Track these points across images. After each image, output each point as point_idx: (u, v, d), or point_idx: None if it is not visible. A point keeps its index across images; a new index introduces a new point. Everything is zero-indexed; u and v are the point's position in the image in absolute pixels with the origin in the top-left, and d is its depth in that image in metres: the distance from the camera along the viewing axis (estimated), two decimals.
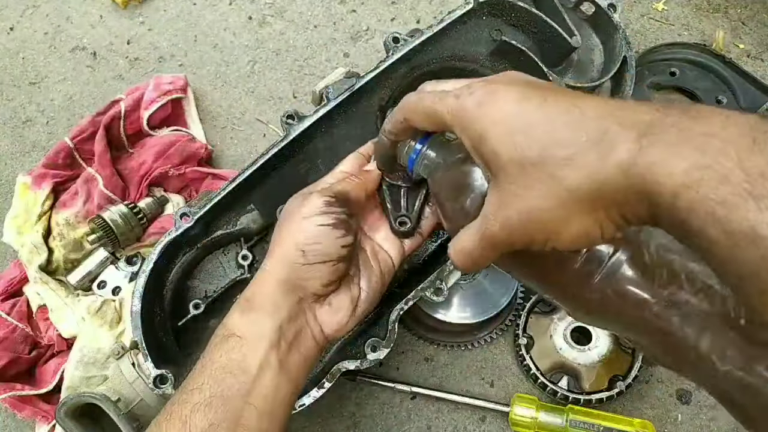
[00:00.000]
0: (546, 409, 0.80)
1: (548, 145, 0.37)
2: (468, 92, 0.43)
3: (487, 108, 0.41)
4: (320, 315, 0.59)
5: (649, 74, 1.03)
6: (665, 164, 0.32)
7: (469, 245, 0.43)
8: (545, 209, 0.38)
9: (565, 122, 0.37)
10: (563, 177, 0.36)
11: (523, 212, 0.39)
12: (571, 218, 0.38)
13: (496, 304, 0.85)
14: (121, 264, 0.90)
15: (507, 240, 0.41)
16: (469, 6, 0.80)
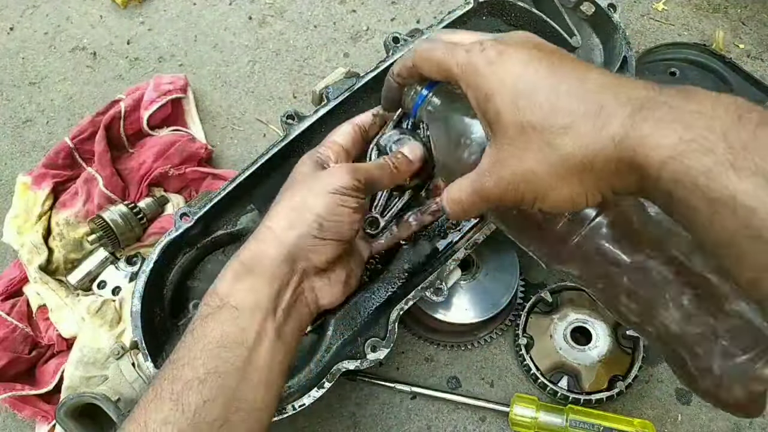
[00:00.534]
0: (546, 409, 0.80)
1: (549, 112, 0.39)
2: (479, 49, 0.43)
3: (496, 67, 0.42)
4: (318, 287, 0.60)
5: (649, 74, 1.03)
6: (654, 137, 0.34)
7: (461, 194, 0.46)
8: (538, 172, 0.40)
9: (567, 92, 0.39)
10: (559, 144, 0.38)
11: (517, 173, 0.41)
12: (561, 184, 0.39)
13: (496, 304, 0.85)
14: (121, 264, 0.90)
15: (498, 196, 0.43)
16: (469, 6, 0.80)
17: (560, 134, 0.38)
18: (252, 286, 0.55)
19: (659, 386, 0.85)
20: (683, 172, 0.33)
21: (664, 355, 0.50)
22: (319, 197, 0.57)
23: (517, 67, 0.41)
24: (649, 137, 0.34)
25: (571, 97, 0.39)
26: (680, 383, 0.48)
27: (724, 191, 0.31)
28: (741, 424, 0.83)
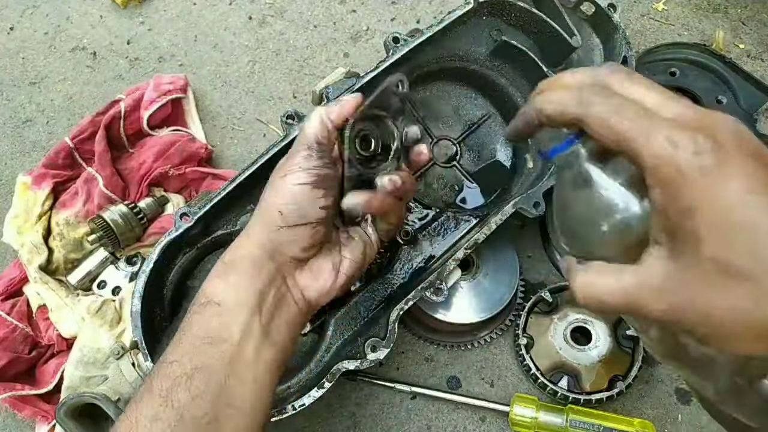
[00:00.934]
0: (546, 409, 0.80)
1: (766, 264, 0.32)
2: (693, 148, 0.34)
3: (710, 182, 0.33)
4: (300, 279, 0.59)
5: (649, 74, 1.03)
6: None
7: (606, 295, 0.39)
8: (728, 322, 0.34)
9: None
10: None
11: (702, 313, 0.35)
12: (754, 340, 0.34)
13: (496, 304, 0.85)
14: (121, 264, 0.90)
15: (660, 319, 0.37)
16: (469, 6, 0.80)
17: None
18: (235, 283, 0.56)
19: (659, 386, 0.85)
20: None
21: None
22: (275, 188, 0.57)
23: (737, 191, 0.33)
24: None
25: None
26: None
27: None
28: None
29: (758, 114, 0.99)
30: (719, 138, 0.34)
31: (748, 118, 0.98)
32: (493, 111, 0.89)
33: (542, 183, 0.78)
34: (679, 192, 0.34)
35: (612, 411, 0.82)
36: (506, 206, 0.77)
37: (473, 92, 0.89)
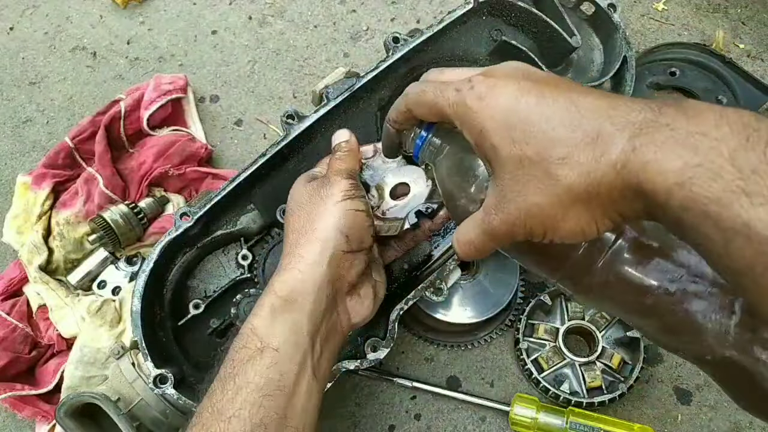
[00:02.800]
0: (546, 409, 0.80)
1: (545, 143, 0.38)
2: (468, 86, 0.43)
3: (486, 102, 0.41)
4: (351, 305, 0.60)
5: (649, 74, 1.03)
6: (658, 163, 0.33)
7: (471, 235, 0.44)
8: (542, 206, 0.39)
9: (561, 120, 0.38)
10: (559, 175, 0.37)
11: (522, 208, 0.40)
12: (568, 214, 0.38)
13: (496, 304, 0.85)
14: (121, 264, 0.90)
15: (507, 233, 0.42)
16: (469, 6, 0.80)
17: (559, 165, 0.37)
18: (292, 324, 0.54)
19: (659, 386, 0.85)
20: (692, 199, 0.31)
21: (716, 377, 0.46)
22: (334, 212, 0.57)
23: (508, 100, 0.40)
24: (652, 163, 0.33)
25: (566, 125, 0.37)
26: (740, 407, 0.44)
27: (737, 219, 0.29)
28: (741, 424, 0.83)
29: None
30: (491, 72, 0.43)
31: None
32: None
33: None
34: (472, 122, 0.42)
35: (613, 412, 0.82)
36: None
37: None
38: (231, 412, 0.50)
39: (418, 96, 0.47)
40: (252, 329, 0.54)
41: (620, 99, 0.38)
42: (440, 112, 0.45)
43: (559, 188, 0.37)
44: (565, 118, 0.38)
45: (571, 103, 0.38)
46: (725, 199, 0.30)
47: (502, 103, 0.40)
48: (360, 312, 0.61)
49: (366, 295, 0.61)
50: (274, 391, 0.51)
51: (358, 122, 0.78)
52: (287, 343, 0.53)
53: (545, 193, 0.38)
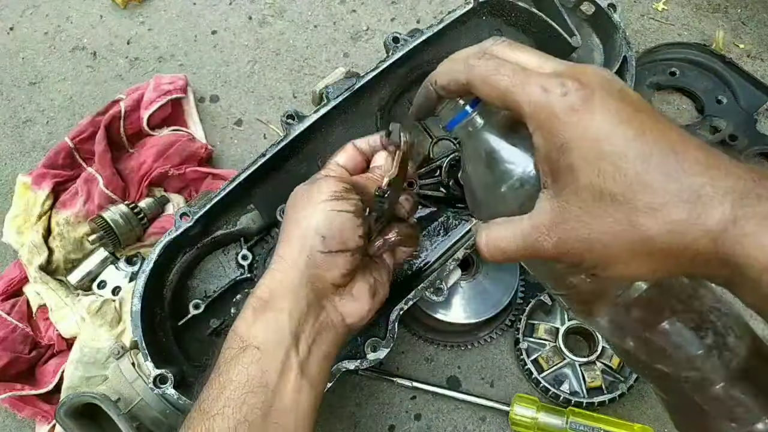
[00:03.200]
0: (546, 409, 0.80)
1: (635, 185, 0.35)
2: (560, 90, 0.38)
3: (579, 118, 0.37)
4: (341, 305, 0.58)
5: (649, 74, 1.03)
6: (758, 238, 0.32)
7: (508, 244, 0.42)
8: (610, 246, 0.36)
9: (659, 164, 0.35)
10: (643, 224, 0.35)
11: (586, 241, 0.37)
12: (633, 261, 0.36)
13: (496, 304, 0.85)
14: (121, 264, 0.90)
15: (554, 257, 0.39)
16: (469, 6, 0.80)
17: (647, 214, 0.35)
18: (273, 321, 0.54)
19: None
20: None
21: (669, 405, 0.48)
22: (315, 212, 0.56)
23: (605, 123, 0.36)
24: (752, 236, 0.32)
25: (664, 174, 0.35)
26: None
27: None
28: None
29: (758, 114, 0.99)
30: (584, 81, 0.38)
31: (748, 118, 0.98)
32: None
33: None
34: (553, 131, 0.38)
35: (613, 412, 0.82)
36: None
37: None
38: (215, 410, 0.50)
39: (488, 76, 0.41)
40: (235, 330, 0.55)
41: (720, 157, 0.35)
42: (515, 105, 0.40)
43: (637, 236, 0.35)
44: (663, 164, 0.35)
45: (671, 149, 0.36)
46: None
47: (597, 126, 0.37)
48: (354, 313, 0.59)
49: (360, 295, 0.60)
50: (257, 388, 0.51)
51: (358, 122, 0.78)
52: (268, 341, 0.53)
53: (618, 236, 0.36)
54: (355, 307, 0.59)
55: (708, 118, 0.99)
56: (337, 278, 0.57)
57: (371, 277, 0.62)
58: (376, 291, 0.62)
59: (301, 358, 0.54)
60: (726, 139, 0.96)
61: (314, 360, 0.55)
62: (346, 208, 0.56)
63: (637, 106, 0.38)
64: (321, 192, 0.57)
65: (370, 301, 0.60)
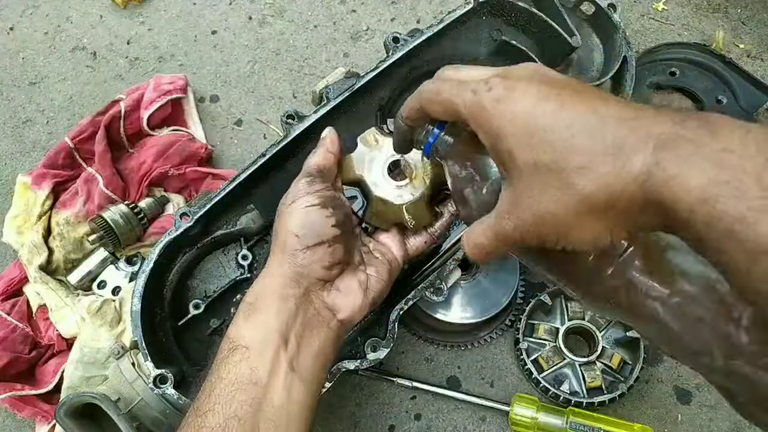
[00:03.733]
0: (546, 410, 0.80)
1: (564, 151, 0.37)
2: (485, 88, 0.42)
3: (504, 106, 0.40)
4: (330, 300, 0.59)
5: (649, 74, 1.03)
6: (682, 179, 0.32)
7: (482, 239, 0.44)
8: (557, 214, 0.38)
9: (582, 128, 0.37)
10: (577, 184, 0.37)
11: (537, 215, 0.39)
12: (583, 224, 0.38)
13: (496, 304, 0.85)
14: (121, 264, 0.90)
15: (519, 238, 0.41)
16: (469, 6, 0.80)
17: (578, 174, 0.36)
18: (261, 323, 0.55)
19: (659, 386, 0.85)
20: (716, 217, 0.30)
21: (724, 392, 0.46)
22: (286, 215, 0.59)
23: (527, 105, 0.39)
24: (676, 177, 0.32)
25: (587, 134, 0.37)
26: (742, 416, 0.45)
27: (763, 239, 0.29)
28: (741, 424, 0.83)
29: (758, 114, 0.99)
30: (509, 74, 0.42)
31: (748, 118, 0.98)
32: None
33: None
34: (487, 125, 0.41)
35: (613, 412, 0.82)
36: None
37: None
38: (206, 407, 0.51)
39: (432, 94, 0.47)
40: (226, 335, 0.56)
41: (642, 110, 0.37)
42: (455, 112, 0.44)
43: (575, 197, 0.37)
44: (585, 127, 0.37)
45: (592, 111, 0.38)
46: (750, 219, 0.29)
47: (521, 108, 0.40)
48: (345, 307, 0.60)
49: (349, 289, 0.60)
50: (246, 385, 0.52)
51: (358, 122, 0.78)
52: (256, 339, 0.54)
53: (561, 202, 0.38)
54: (345, 301, 0.60)
55: None
56: (320, 272, 0.58)
57: (363, 273, 0.62)
58: (369, 286, 0.62)
59: (290, 354, 0.54)
60: None
61: (305, 356, 0.56)
62: (311, 202, 0.59)
63: (560, 85, 0.41)
64: (290, 194, 0.60)
65: (362, 296, 0.61)
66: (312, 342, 0.57)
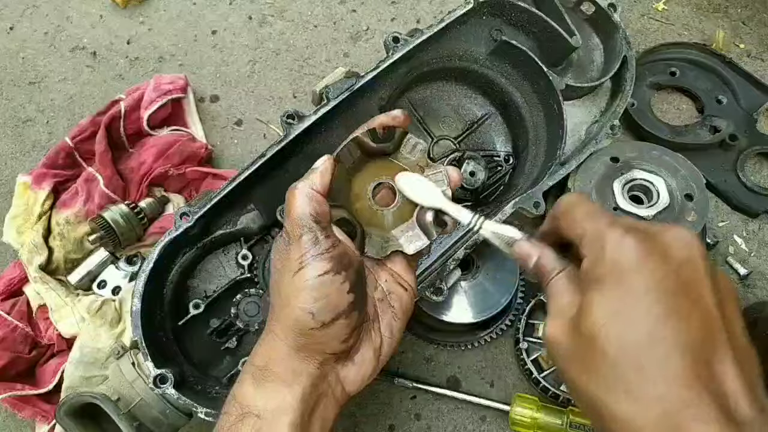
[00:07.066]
0: (546, 410, 0.80)
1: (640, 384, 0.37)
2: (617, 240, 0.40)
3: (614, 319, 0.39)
4: (343, 374, 0.54)
5: (649, 74, 1.03)
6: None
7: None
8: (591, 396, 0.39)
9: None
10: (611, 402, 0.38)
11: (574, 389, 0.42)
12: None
13: (496, 304, 0.85)
14: (121, 264, 0.90)
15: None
16: (469, 6, 0.80)
17: (618, 397, 0.37)
18: (273, 392, 0.51)
19: None
20: None
21: None
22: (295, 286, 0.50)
23: (636, 331, 0.37)
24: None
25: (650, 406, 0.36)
26: None
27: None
28: None
29: (758, 114, 0.99)
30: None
31: (748, 118, 0.98)
32: (493, 110, 0.89)
33: (542, 183, 0.78)
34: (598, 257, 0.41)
35: None
36: (506, 206, 0.76)
37: (473, 92, 0.89)
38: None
39: (575, 209, 0.45)
40: (234, 396, 0.53)
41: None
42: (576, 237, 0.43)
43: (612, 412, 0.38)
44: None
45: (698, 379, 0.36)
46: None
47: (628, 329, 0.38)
48: (355, 379, 0.55)
49: (363, 360, 0.54)
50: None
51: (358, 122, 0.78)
52: (269, 409, 0.51)
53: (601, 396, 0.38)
54: (358, 374, 0.55)
55: (708, 118, 0.99)
56: (337, 347, 0.52)
57: (378, 336, 0.56)
58: (382, 352, 0.56)
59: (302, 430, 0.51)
60: (726, 139, 0.96)
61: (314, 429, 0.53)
62: (323, 270, 0.50)
63: (687, 307, 0.38)
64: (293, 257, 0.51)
65: (374, 364, 0.55)
66: (322, 414, 0.53)
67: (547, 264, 0.46)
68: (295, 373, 0.51)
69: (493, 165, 0.88)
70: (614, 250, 0.39)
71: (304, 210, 0.51)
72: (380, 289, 0.57)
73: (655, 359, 0.36)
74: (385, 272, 0.58)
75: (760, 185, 0.96)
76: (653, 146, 0.88)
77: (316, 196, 0.53)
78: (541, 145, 0.84)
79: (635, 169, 0.83)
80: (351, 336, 0.52)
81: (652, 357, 0.36)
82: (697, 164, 0.85)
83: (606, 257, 0.39)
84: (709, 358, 0.36)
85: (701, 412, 0.34)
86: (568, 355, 0.41)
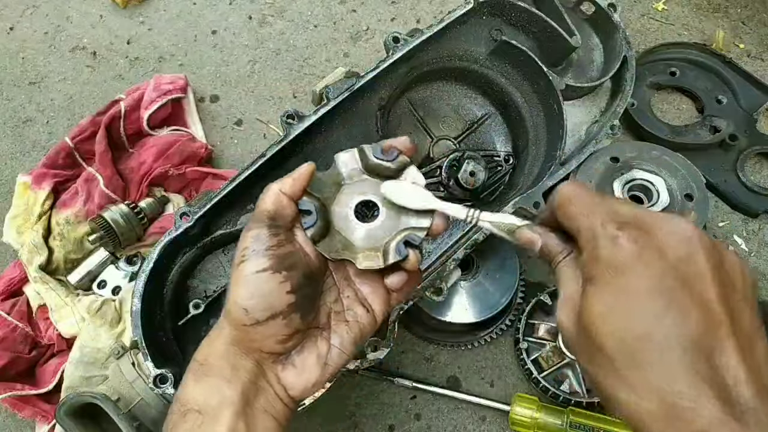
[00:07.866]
0: (546, 409, 0.80)
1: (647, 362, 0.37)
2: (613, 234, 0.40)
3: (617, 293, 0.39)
4: (284, 377, 0.52)
5: (649, 74, 1.03)
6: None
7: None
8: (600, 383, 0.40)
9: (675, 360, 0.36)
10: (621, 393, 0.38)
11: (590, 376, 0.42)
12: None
13: (496, 304, 0.85)
14: (121, 264, 0.90)
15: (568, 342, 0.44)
16: (469, 6, 0.80)
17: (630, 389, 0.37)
18: (213, 387, 0.50)
19: None
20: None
21: None
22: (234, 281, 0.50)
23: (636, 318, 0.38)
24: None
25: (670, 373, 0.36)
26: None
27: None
28: None
29: (758, 114, 0.99)
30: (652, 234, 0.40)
31: (748, 118, 0.98)
32: (493, 110, 0.89)
33: (542, 183, 0.78)
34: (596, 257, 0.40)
35: None
36: (506, 206, 0.77)
37: (473, 92, 0.89)
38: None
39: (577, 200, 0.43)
40: (177, 396, 0.52)
41: None
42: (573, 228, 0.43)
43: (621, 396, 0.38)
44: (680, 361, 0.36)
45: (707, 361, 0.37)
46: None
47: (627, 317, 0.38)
48: (297, 384, 0.52)
49: (305, 366, 0.52)
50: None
51: (357, 122, 0.78)
52: (208, 404, 0.49)
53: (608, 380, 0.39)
54: (299, 379, 0.52)
55: (708, 118, 1.00)
56: (274, 347, 0.51)
57: (325, 343, 0.53)
58: (329, 361, 0.53)
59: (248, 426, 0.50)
60: (726, 139, 0.96)
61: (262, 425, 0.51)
62: (261, 267, 0.48)
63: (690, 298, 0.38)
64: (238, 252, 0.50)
65: (318, 372, 0.52)
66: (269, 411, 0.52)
67: (553, 248, 0.46)
68: (234, 368, 0.50)
69: (493, 165, 0.88)
70: (608, 250, 0.39)
71: (265, 207, 0.51)
72: (340, 302, 0.55)
73: (651, 356, 0.36)
74: (351, 289, 0.55)
75: (760, 185, 0.96)
76: (653, 146, 0.88)
77: (281, 198, 0.51)
78: (541, 145, 0.85)
79: (635, 169, 0.84)
80: (290, 338, 0.51)
81: (648, 354, 0.36)
82: (697, 164, 0.85)
83: (600, 257, 0.39)
84: (709, 352, 0.36)
85: (700, 404, 0.35)
86: (576, 342, 0.42)
